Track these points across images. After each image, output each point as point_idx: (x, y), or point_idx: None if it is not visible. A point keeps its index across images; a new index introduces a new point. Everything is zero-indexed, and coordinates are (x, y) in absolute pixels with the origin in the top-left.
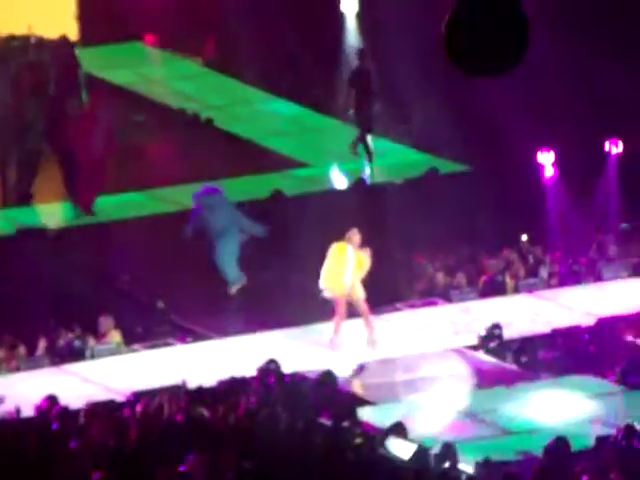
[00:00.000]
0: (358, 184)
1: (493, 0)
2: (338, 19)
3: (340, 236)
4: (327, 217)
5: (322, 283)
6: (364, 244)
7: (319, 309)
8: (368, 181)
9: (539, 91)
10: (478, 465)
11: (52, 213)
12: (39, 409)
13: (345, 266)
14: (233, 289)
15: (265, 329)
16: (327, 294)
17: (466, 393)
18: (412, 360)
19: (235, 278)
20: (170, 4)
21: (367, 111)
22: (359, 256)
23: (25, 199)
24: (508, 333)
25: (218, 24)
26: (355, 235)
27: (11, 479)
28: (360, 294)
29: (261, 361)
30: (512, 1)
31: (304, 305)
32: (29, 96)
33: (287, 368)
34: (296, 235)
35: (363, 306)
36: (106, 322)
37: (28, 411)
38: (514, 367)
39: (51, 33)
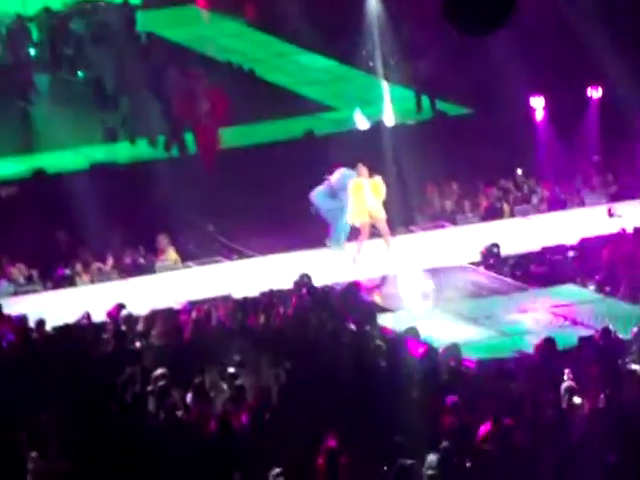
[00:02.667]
0: (377, 125)
1: None
2: None
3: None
4: (352, 154)
5: (349, 219)
6: (383, 176)
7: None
8: (386, 123)
9: (532, 45)
10: (479, 362)
11: (121, 150)
12: (109, 314)
13: (363, 197)
14: (331, 246)
15: (300, 248)
16: (355, 224)
17: (469, 302)
18: (424, 274)
19: (338, 243)
20: None
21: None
22: (373, 183)
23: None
24: (505, 251)
25: None
26: (361, 168)
27: (87, 374)
28: (381, 215)
29: (296, 276)
30: None
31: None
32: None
33: (318, 281)
34: (325, 171)
35: (384, 226)
36: (163, 239)
37: (101, 317)
38: (510, 279)
39: None
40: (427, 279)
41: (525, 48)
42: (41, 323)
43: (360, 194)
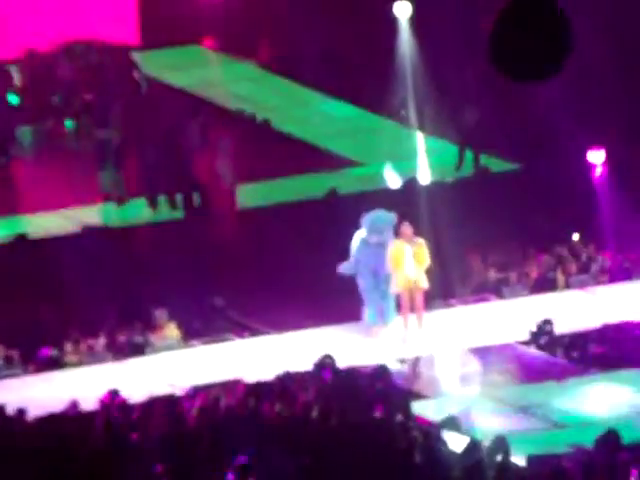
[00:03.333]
0: (411, 183)
1: (535, 7)
2: (391, 22)
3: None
4: None
5: (393, 287)
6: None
7: None
8: (421, 180)
9: (589, 90)
10: (530, 458)
11: (114, 212)
12: (102, 403)
13: (404, 263)
14: (371, 334)
15: (323, 325)
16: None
17: (518, 387)
18: (465, 355)
19: (374, 323)
20: (228, 8)
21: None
22: (417, 249)
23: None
24: (559, 328)
25: (273, 26)
26: (407, 228)
27: (76, 470)
28: (422, 284)
29: (317, 356)
30: (553, 6)
31: (359, 302)
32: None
33: (342, 363)
34: (351, 234)
35: (420, 298)
36: (162, 314)
37: (92, 405)
38: (565, 362)
39: (112, 38)
40: (469, 361)
41: (582, 92)
42: (21, 412)
43: (401, 259)
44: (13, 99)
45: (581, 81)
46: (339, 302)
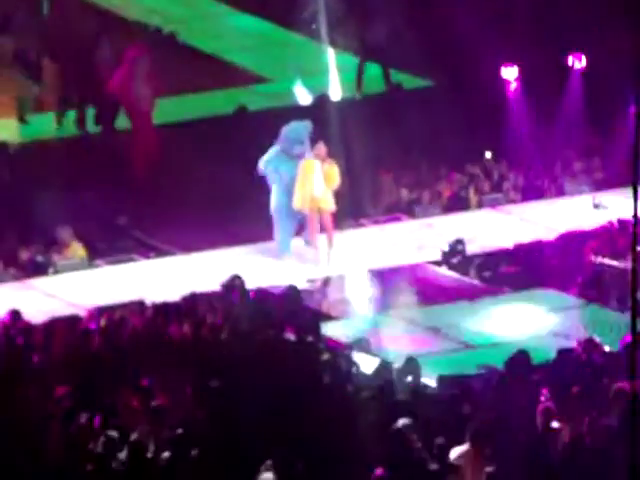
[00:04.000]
0: (322, 99)
1: None
2: None
3: None
4: None
5: (295, 203)
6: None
7: None
8: (331, 97)
9: (503, 4)
10: (440, 378)
11: (13, 127)
12: (2, 324)
13: (313, 181)
14: (281, 257)
15: (229, 244)
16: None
17: (428, 308)
18: (376, 275)
19: (285, 251)
20: None
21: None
22: (327, 169)
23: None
24: (471, 248)
25: None
26: (321, 147)
27: None
28: (328, 206)
29: (225, 276)
30: None
31: (269, 221)
32: None
33: (251, 284)
34: (260, 151)
35: (329, 220)
36: (65, 232)
37: None
38: (477, 282)
39: None
40: (379, 281)
41: (495, 7)
42: None
43: (309, 177)
44: None
45: None
46: (248, 221)
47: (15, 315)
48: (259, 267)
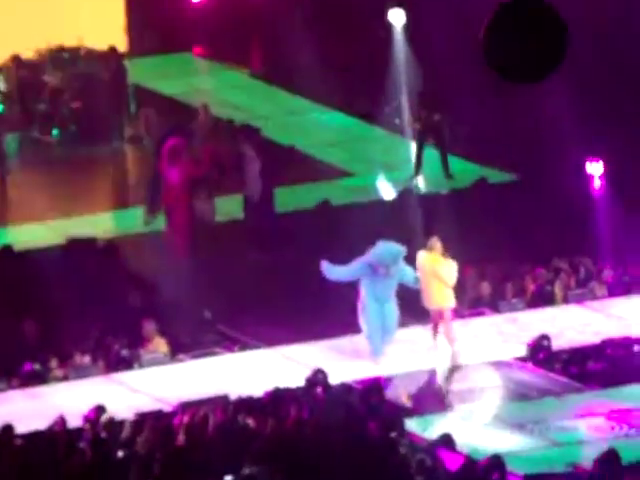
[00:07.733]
0: (405, 194)
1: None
2: (385, 30)
3: None
4: (374, 227)
5: (429, 303)
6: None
7: None
8: (415, 191)
9: (588, 100)
10: (527, 477)
11: (101, 223)
12: (87, 419)
13: (443, 276)
14: (374, 360)
15: (313, 339)
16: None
17: (515, 404)
18: (460, 370)
19: (379, 353)
20: (219, 15)
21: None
22: (449, 264)
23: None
24: (557, 344)
25: (265, 35)
26: (436, 242)
27: None
28: (450, 303)
29: (308, 371)
30: (550, 8)
31: (352, 315)
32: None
33: (334, 378)
34: (343, 246)
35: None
36: (149, 326)
37: (76, 421)
38: (563, 378)
39: (101, 44)
40: (464, 376)
41: (581, 103)
42: (7, 430)
43: (439, 273)
44: None
45: (579, 91)
46: (332, 316)
47: (100, 410)
48: (341, 362)
